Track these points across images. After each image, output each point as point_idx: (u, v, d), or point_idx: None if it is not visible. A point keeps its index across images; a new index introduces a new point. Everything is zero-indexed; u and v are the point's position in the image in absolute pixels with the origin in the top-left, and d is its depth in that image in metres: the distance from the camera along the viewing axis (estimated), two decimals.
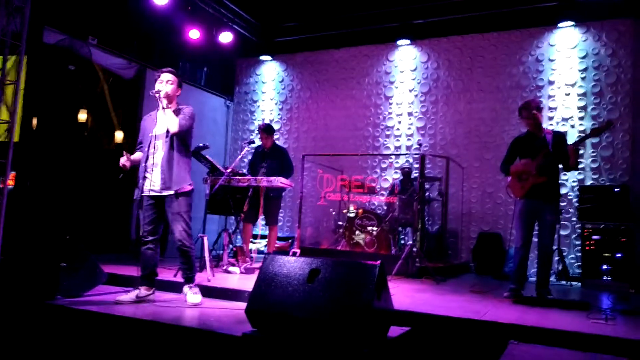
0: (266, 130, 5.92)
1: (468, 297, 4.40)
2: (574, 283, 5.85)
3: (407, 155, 7.51)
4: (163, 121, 3.73)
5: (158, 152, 3.72)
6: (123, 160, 3.72)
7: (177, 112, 3.76)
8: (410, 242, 5.73)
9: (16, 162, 5.20)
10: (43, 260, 3.63)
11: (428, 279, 5.26)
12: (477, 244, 6.68)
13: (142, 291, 3.72)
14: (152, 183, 3.68)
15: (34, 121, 5.68)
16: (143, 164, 3.73)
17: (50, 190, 5.76)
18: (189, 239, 3.74)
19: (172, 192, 3.68)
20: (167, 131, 3.69)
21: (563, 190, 6.40)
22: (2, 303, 3.32)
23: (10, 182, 5.18)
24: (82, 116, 6.90)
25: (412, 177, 6.97)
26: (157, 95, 3.72)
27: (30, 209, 5.44)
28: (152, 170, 3.69)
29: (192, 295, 3.70)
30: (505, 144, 4.83)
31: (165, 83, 3.78)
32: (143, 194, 3.71)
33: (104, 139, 7.28)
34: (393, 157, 7.78)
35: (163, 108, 3.72)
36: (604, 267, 5.61)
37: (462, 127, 7.39)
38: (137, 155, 3.85)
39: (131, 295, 3.66)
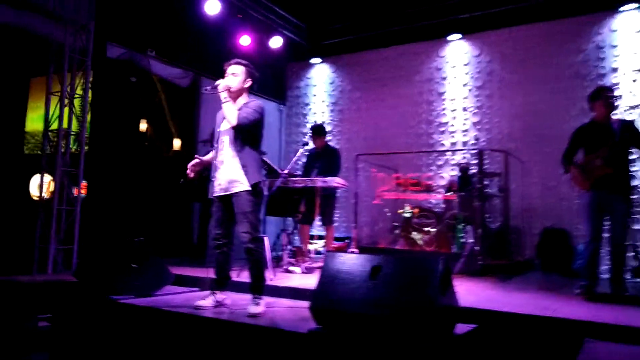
0: (316, 131, 5.96)
1: (536, 294, 4.24)
2: None
3: (463, 151, 7.34)
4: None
5: (223, 149, 3.56)
6: (190, 168, 3.64)
7: (245, 105, 3.57)
8: (471, 240, 5.59)
9: (87, 172, 5.49)
10: (116, 262, 3.81)
11: (492, 277, 5.11)
12: (541, 240, 6.41)
13: (219, 295, 3.63)
14: (219, 182, 3.54)
15: (101, 132, 5.98)
16: (213, 162, 3.63)
17: (119, 197, 6.03)
18: (254, 242, 3.48)
19: (235, 190, 3.48)
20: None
21: (634, 182, 6.04)
22: (81, 302, 3.51)
23: (83, 191, 5.47)
24: (143, 126, 7.20)
25: (470, 173, 6.80)
26: (212, 90, 3.51)
27: (102, 215, 5.71)
28: (219, 169, 3.55)
29: (253, 306, 3.45)
30: (565, 136, 4.62)
31: (230, 76, 3.60)
32: (213, 195, 3.59)
33: (163, 147, 7.56)
34: (449, 153, 7.63)
35: (222, 102, 3.52)
36: None
37: (520, 120, 7.14)
38: (210, 155, 3.75)
39: (209, 300, 3.57)
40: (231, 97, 3.56)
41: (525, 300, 3.89)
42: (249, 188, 3.47)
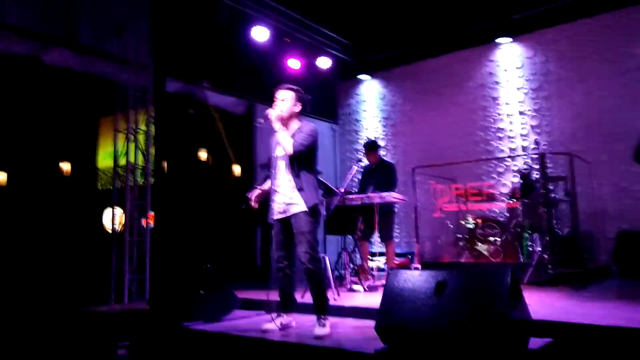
0: (368, 146, 5.97)
1: (616, 303, 4.00)
2: None
3: (524, 156, 7.09)
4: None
5: (280, 174, 3.64)
6: (254, 199, 3.73)
7: (298, 131, 3.63)
8: (539, 249, 5.36)
9: (154, 203, 5.77)
10: (185, 289, 3.96)
11: (564, 287, 4.87)
12: (617, 244, 6.03)
13: (285, 318, 3.68)
14: (277, 206, 3.62)
15: (164, 164, 6.28)
16: (271, 187, 3.70)
17: (184, 225, 6.28)
18: (314, 263, 3.51)
19: (293, 211, 3.54)
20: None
21: None
22: (156, 329, 3.67)
23: (151, 222, 5.74)
24: (203, 155, 7.50)
25: (532, 178, 6.55)
26: (265, 122, 3.59)
27: (170, 244, 5.96)
28: (277, 193, 3.62)
29: (319, 327, 3.45)
30: (634, 132, 4.34)
31: (279, 102, 3.66)
32: (272, 219, 3.67)
33: (224, 174, 7.81)
34: (510, 159, 7.38)
35: (276, 131, 3.60)
36: None
37: (582, 120, 6.83)
38: (269, 182, 3.81)
39: (276, 323, 3.61)
40: (283, 123, 3.65)
41: (604, 310, 3.67)
42: (307, 209, 3.54)
